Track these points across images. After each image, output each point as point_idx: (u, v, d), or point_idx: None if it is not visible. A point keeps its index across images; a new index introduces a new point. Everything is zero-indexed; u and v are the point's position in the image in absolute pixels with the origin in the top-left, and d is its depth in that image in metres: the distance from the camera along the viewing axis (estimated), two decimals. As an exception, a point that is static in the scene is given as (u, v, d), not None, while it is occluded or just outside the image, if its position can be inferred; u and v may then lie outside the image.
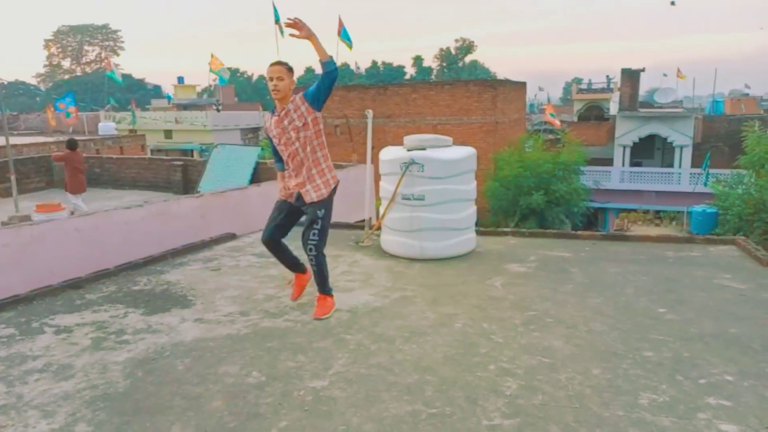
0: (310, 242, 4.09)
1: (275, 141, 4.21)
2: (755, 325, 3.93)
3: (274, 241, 4.32)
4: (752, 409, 2.85)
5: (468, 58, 78.50)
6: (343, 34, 13.45)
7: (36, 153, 16.54)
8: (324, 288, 4.26)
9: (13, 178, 9.70)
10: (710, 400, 2.95)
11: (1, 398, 3.09)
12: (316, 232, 4.09)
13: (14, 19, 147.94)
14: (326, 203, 4.17)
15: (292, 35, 3.90)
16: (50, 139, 22.93)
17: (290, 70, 4.08)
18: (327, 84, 4.03)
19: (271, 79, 4.01)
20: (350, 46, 13.72)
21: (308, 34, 3.90)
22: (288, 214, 4.30)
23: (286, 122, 4.08)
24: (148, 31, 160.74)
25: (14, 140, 17.30)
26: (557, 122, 30.59)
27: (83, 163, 11.70)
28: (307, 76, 73.23)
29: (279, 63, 4.06)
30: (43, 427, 2.81)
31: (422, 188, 5.65)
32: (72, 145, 11.54)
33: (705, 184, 21.62)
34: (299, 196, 4.19)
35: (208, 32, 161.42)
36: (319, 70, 4.02)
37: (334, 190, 4.23)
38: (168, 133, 37.91)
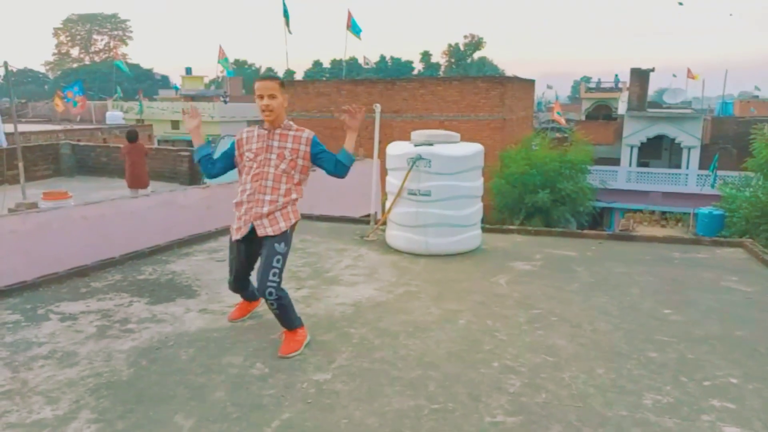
0: (269, 285, 3.37)
1: (249, 155, 3.53)
2: (761, 328, 3.91)
3: (239, 282, 3.82)
4: (756, 412, 2.84)
5: (477, 55, 78.13)
6: (353, 27, 13.44)
7: (44, 141, 16.60)
8: (291, 327, 3.57)
9: (21, 165, 9.73)
10: (714, 402, 2.94)
11: (6, 384, 3.11)
12: (277, 272, 3.41)
13: (24, 6, 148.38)
14: (287, 237, 3.53)
15: (344, 120, 3.57)
16: (58, 127, 23.04)
17: (282, 85, 3.50)
18: (332, 173, 3.65)
19: (261, 96, 3.42)
20: (359, 37, 13.70)
21: (357, 128, 3.60)
22: (245, 253, 3.67)
23: (275, 143, 3.50)
24: (156, 21, 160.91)
25: (22, 127, 17.35)
26: (562, 120, 30.50)
27: (143, 156, 10.53)
28: (315, 69, 73.23)
29: (270, 78, 3.50)
30: (47, 413, 2.82)
31: (429, 184, 5.64)
32: (131, 137, 10.66)
33: (712, 186, 21.53)
34: (252, 229, 3.51)
35: (217, 23, 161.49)
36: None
37: (294, 225, 3.61)
38: (175, 124, 37.98)
